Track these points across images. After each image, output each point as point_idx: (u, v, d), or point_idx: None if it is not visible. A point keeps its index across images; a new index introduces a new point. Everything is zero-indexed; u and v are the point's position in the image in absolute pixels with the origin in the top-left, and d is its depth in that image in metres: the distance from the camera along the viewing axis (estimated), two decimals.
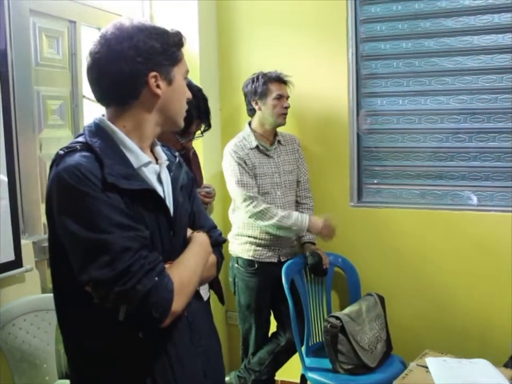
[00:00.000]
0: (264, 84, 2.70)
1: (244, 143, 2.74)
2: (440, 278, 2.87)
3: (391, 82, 2.95)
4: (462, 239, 2.82)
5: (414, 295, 2.92)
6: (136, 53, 1.24)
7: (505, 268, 2.76)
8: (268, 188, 2.74)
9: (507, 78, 2.77)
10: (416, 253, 2.90)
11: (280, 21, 3.04)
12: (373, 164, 3.02)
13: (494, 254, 2.78)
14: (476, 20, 2.79)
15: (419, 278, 2.90)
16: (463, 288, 2.84)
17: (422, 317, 2.91)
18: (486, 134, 2.82)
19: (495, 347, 2.67)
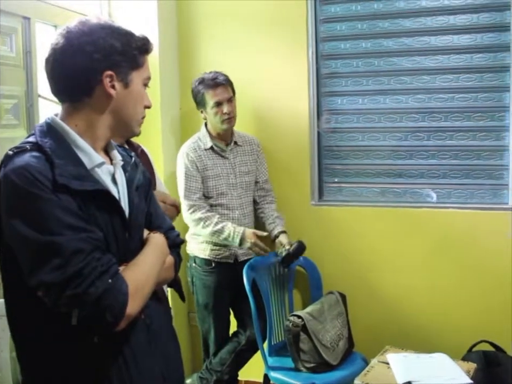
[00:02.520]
0: (200, 93, 2.68)
1: (199, 144, 2.74)
2: (400, 275, 2.92)
3: (351, 82, 2.98)
4: (421, 236, 2.87)
5: (375, 293, 2.95)
6: (94, 49, 1.21)
7: (463, 263, 2.83)
8: (224, 188, 2.73)
9: (463, 78, 2.83)
10: (377, 250, 2.94)
11: (240, 20, 3.03)
12: (334, 163, 3.04)
13: (452, 250, 2.84)
14: (433, 21, 2.84)
15: (381, 274, 2.94)
16: (423, 284, 2.89)
17: (384, 314, 2.94)
18: (443, 133, 2.87)
19: (454, 341, 2.74)
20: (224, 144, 2.77)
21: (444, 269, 2.85)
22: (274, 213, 2.85)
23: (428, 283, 2.88)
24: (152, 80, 2.92)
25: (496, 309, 2.79)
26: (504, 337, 2.73)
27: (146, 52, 1.32)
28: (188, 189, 2.68)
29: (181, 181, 2.71)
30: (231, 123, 2.71)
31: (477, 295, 2.82)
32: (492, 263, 2.79)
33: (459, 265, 2.83)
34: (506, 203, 2.80)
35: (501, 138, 2.81)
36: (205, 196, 2.73)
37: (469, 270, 2.82)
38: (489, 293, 2.80)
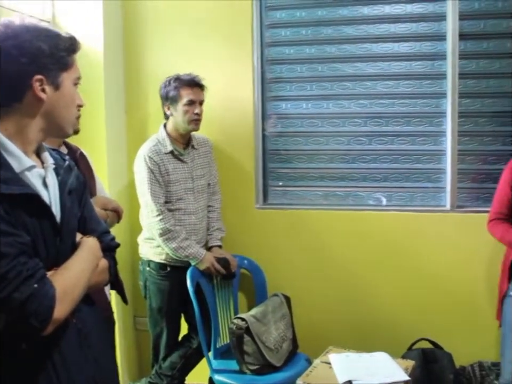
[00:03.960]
0: (175, 89, 2.64)
1: (159, 147, 2.67)
2: (343, 276, 2.97)
3: (295, 86, 3.02)
4: (363, 238, 2.93)
5: (319, 294, 3.00)
6: (20, 52, 1.18)
7: (403, 264, 2.91)
8: (181, 193, 2.70)
9: (403, 84, 2.92)
10: (322, 253, 2.99)
11: (186, 24, 3.03)
12: (278, 166, 3.08)
13: (393, 252, 2.91)
14: (374, 28, 2.92)
15: (323, 277, 2.99)
16: (365, 285, 2.95)
17: (327, 315, 2.99)
18: (384, 137, 2.96)
19: (395, 340, 2.81)
20: (183, 147, 2.75)
21: (386, 270, 2.93)
22: (215, 223, 2.85)
23: (370, 284, 2.95)
24: (97, 83, 2.90)
25: (436, 308, 2.89)
26: (442, 334, 2.83)
27: (74, 52, 1.30)
28: (154, 194, 2.61)
29: (144, 185, 2.63)
30: (197, 125, 2.69)
31: (417, 295, 2.90)
32: (431, 264, 2.88)
33: (400, 266, 2.91)
34: (444, 205, 2.90)
35: (439, 142, 2.91)
36: (164, 201, 2.68)
37: (409, 270, 2.90)
38: (428, 292, 2.89)
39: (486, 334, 2.79)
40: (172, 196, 2.68)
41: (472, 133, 2.87)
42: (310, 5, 2.97)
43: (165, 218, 2.61)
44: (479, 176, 2.89)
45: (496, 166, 2.77)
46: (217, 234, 2.83)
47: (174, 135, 2.72)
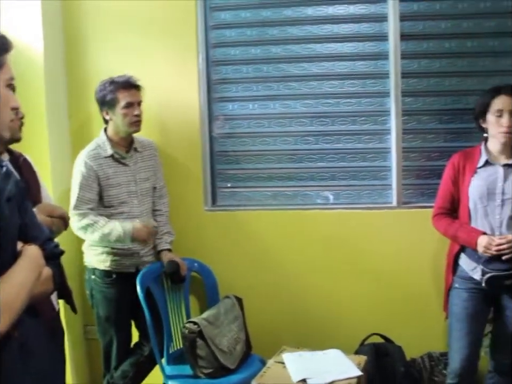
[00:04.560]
0: (111, 92, 2.57)
1: (99, 151, 2.61)
2: (295, 275, 2.98)
3: (241, 87, 3.02)
4: (313, 237, 2.96)
5: (272, 294, 3.00)
6: None
7: (353, 261, 2.95)
8: (124, 197, 2.65)
9: (348, 84, 2.96)
10: (272, 253, 2.99)
11: (130, 25, 2.96)
12: (227, 168, 3.07)
13: (342, 249, 2.95)
14: (318, 29, 2.95)
15: (275, 276, 2.99)
16: (316, 283, 2.97)
17: (280, 314, 3.00)
18: (331, 136, 2.99)
19: (348, 336, 2.84)
20: (125, 151, 2.69)
21: (336, 267, 2.96)
22: (164, 227, 2.80)
23: (321, 282, 2.97)
24: (37, 86, 2.80)
25: (385, 302, 2.94)
26: (393, 328, 2.89)
27: (6, 51, 1.24)
28: (80, 199, 2.56)
29: (75, 190, 2.59)
30: (138, 127, 2.64)
31: (367, 291, 2.95)
32: (380, 259, 2.93)
33: (349, 263, 2.95)
34: (391, 202, 2.96)
35: (383, 140, 2.97)
36: (105, 205, 2.63)
37: (358, 267, 2.95)
38: (378, 288, 2.94)
39: (434, 325, 2.86)
40: (112, 200, 2.63)
41: (415, 131, 2.95)
42: (254, 6, 2.97)
43: (83, 217, 2.55)
44: (423, 172, 2.97)
45: (439, 163, 2.84)
46: (166, 238, 2.79)
47: (116, 139, 2.66)
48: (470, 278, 2.36)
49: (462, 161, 2.40)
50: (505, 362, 2.44)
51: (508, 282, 2.27)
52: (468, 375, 2.40)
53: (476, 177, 2.34)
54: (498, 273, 2.27)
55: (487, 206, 2.30)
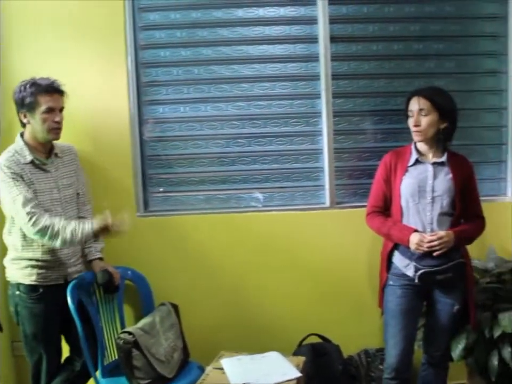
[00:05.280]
0: (32, 95, 2.40)
1: (17, 157, 2.42)
2: (231, 279, 2.96)
3: (172, 90, 2.96)
4: (248, 240, 2.94)
5: (209, 299, 2.96)
6: None
7: (289, 263, 2.96)
8: (48, 205, 2.48)
9: (279, 86, 2.97)
10: (207, 257, 2.95)
11: (55, 25, 2.82)
12: (158, 172, 2.99)
13: (278, 251, 2.96)
14: (249, 31, 2.95)
15: (212, 281, 2.96)
16: (253, 286, 2.97)
17: (218, 319, 2.96)
18: (263, 138, 2.99)
19: (286, 338, 2.85)
20: (45, 156, 2.53)
21: (271, 270, 2.96)
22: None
23: (258, 285, 2.96)
24: None
25: (322, 302, 2.98)
26: (330, 327, 2.93)
27: None
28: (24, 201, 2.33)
29: (9, 195, 2.36)
30: (58, 134, 2.47)
31: (303, 291, 2.97)
32: (315, 260, 2.96)
33: (285, 264, 2.96)
34: (324, 203, 3.00)
35: (315, 142, 3.00)
36: None
37: (294, 268, 2.96)
38: (314, 288, 2.97)
39: (370, 322, 2.93)
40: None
41: (346, 132, 3.00)
42: (184, 7, 2.92)
43: (38, 219, 2.35)
44: (355, 172, 3.03)
45: (371, 162, 2.91)
46: (96, 246, 2.66)
47: (33, 144, 2.48)
48: (403, 275, 2.41)
49: (393, 161, 2.45)
50: (437, 355, 2.53)
51: (439, 277, 2.35)
52: (403, 369, 2.45)
53: (407, 176, 2.40)
54: (430, 269, 2.33)
55: (418, 204, 2.36)
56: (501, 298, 2.64)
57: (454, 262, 2.35)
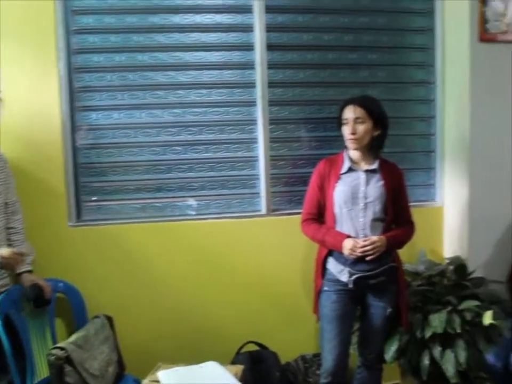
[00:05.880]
0: None
1: None
2: (168, 289, 2.92)
3: (106, 96, 2.89)
4: (184, 248, 2.91)
5: (145, 309, 2.90)
6: None
7: (225, 271, 2.95)
8: None
9: (215, 93, 2.97)
10: (143, 267, 2.89)
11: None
12: (92, 180, 2.90)
13: (215, 260, 2.94)
14: (186, 37, 2.93)
15: (148, 291, 2.90)
16: (190, 295, 2.93)
17: (155, 330, 2.91)
18: (199, 146, 2.97)
19: (224, 347, 2.84)
20: None
21: (208, 279, 2.94)
22: (21, 246, 2.52)
23: (195, 293, 2.93)
24: None
25: (259, 310, 2.98)
26: (268, 334, 2.94)
27: None
28: None
29: None
30: None
31: (240, 299, 2.97)
32: (252, 268, 2.96)
33: (222, 273, 2.95)
34: (260, 210, 3.02)
35: (251, 149, 3.01)
36: None
37: (231, 276, 2.96)
38: (251, 295, 2.97)
39: (307, 328, 2.96)
40: None
41: (282, 139, 3.03)
42: (119, 11, 2.87)
43: None
44: (290, 180, 3.06)
45: (306, 170, 2.95)
46: (25, 258, 2.55)
47: None
48: (337, 280, 2.44)
49: (327, 168, 2.48)
50: (371, 357, 2.57)
51: (372, 282, 2.39)
52: (339, 373, 2.48)
53: (340, 183, 2.43)
54: (364, 273, 2.37)
55: (351, 210, 2.40)
56: (431, 300, 2.72)
57: (386, 266, 2.41)
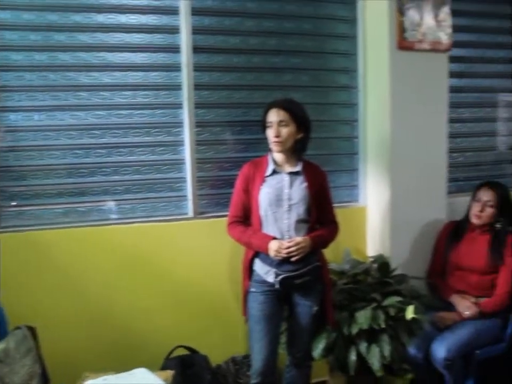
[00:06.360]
0: None
1: None
2: (95, 296, 2.83)
3: (25, 96, 2.76)
4: (111, 253, 2.83)
5: (71, 318, 2.80)
6: None
7: (154, 275, 2.91)
8: None
9: (141, 95, 2.92)
10: (68, 274, 2.79)
11: None
12: (11, 185, 2.76)
13: (143, 265, 2.89)
14: (110, 37, 2.85)
15: (74, 299, 2.80)
16: (118, 301, 2.86)
17: (81, 339, 2.81)
18: (124, 148, 2.91)
19: (153, 353, 2.80)
20: None
21: (136, 283, 2.88)
22: None
23: (123, 299, 2.87)
24: None
25: (189, 314, 2.96)
26: (197, 338, 2.92)
27: None
28: None
29: None
30: None
31: (170, 304, 2.93)
32: (181, 271, 2.94)
33: (150, 277, 2.90)
34: (187, 213, 3.00)
35: (178, 152, 2.99)
36: None
37: (159, 280, 2.91)
38: (181, 300, 2.95)
39: (236, 330, 2.97)
40: None
41: (208, 142, 3.03)
42: (39, 8, 2.74)
43: None
44: (217, 182, 3.06)
45: (232, 172, 2.95)
46: None
47: None
48: (264, 281, 2.47)
49: (252, 171, 2.51)
50: (299, 355, 2.62)
51: (298, 281, 2.44)
52: (269, 373, 2.51)
53: (264, 186, 2.46)
54: (290, 274, 2.42)
55: (276, 212, 2.43)
56: (357, 298, 2.79)
57: (311, 266, 2.47)
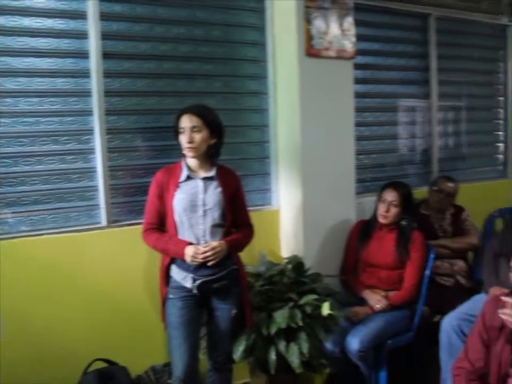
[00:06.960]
0: None
1: None
2: (10, 312, 2.65)
3: None
4: (20, 269, 2.69)
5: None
6: None
7: (69, 288, 2.80)
8: None
9: (48, 102, 2.81)
10: None
11: None
12: None
13: (56, 278, 2.77)
14: (13, 41, 2.72)
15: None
16: (34, 315, 2.72)
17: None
18: (31, 157, 2.78)
19: (70, 367, 2.70)
20: None
21: (50, 296, 2.76)
22: None
23: (38, 313, 2.73)
24: None
25: (106, 325, 2.89)
26: (116, 349, 2.86)
27: None
28: None
29: None
30: None
31: (85, 316, 2.84)
32: (96, 282, 2.86)
33: (65, 290, 2.79)
34: (100, 222, 2.93)
35: (89, 160, 2.91)
36: None
37: (75, 293, 2.81)
38: (97, 312, 2.86)
39: (155, 338, 2.93)
40: None
41: (120, 149, 2.98)
42: None
43: None
44: (130, 190, 3.02)
45: (145, 179, 2.91)
46: None
47: None
48: (182, 287, 2.47)
49: (165, 177, 2.50)
50: (220, 359, 2.64)
51: (216, 285, 2.46)
52: (190, 379, 2.51)
53: (179, 191, 2.46)
54: (207, 278, 2.44)
55: (191, 218, 2.44)
56: (274, 298, 2.84)
57: (228, 270, 2.50)
